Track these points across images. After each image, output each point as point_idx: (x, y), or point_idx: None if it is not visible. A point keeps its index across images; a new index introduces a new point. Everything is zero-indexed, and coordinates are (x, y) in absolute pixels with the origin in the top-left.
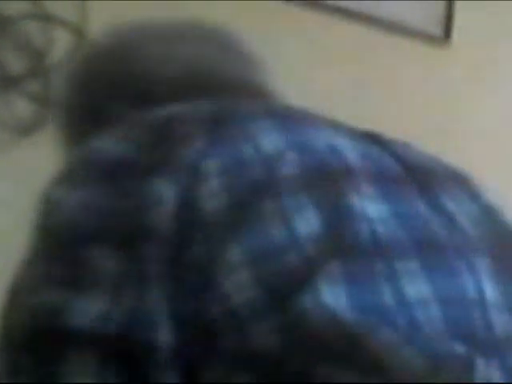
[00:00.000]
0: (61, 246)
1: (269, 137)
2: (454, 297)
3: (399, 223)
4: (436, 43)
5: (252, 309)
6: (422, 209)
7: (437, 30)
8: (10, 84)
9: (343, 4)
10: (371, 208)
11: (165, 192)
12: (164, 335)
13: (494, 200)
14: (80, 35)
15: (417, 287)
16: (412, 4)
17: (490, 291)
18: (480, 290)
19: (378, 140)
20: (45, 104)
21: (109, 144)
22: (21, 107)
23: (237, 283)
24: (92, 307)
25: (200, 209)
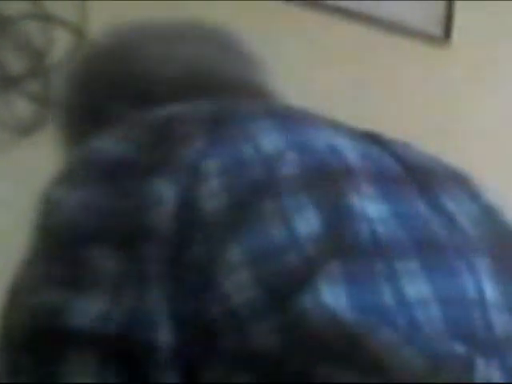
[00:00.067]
0: (61, 246)
1: (269, 137)
2: (454, 297)
3: (399, 223)
4: (436, 43)
5: (252, 309)
6: (422, 209)
7: (437, 30)
8: (10, 84)
9: (343, 4)
10: (371, 208)
11: (165, 192)
12: (164, 335)
13: (494, 200)
14: (80, 35)
15: (417, 287)
16: (412, 4)
17: (490, 291)
18: (480, 290)
19: (378, 140)
20: (45, 104)
21: (109, 144)
22: (21, 107)
23: (237, 283)
24: (92, 307)
25: (200, 209)
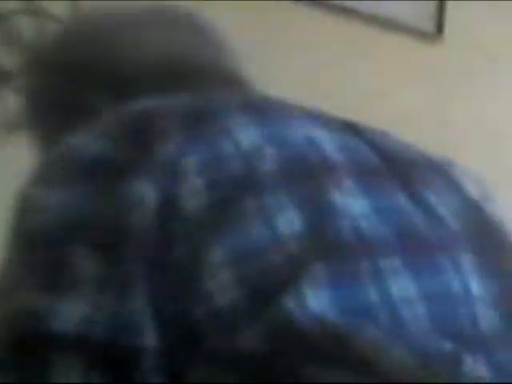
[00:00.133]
0: (39, 248)
1: (246, 131)
2: (440, 293)
3: (381, 218)
4: (428, 39)
5: (236, 309)
6: (403, 202)
7: (429, 26)
8: (2, 80)
9: (338, 2)
10: (352, 203)
11: (146, 193)
12: (150, 338)
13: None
14: None
15: (402, 285)
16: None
17: (476, 287)
18: (465, 286)
19: (356, 129)
20: None
21: (86, 141)
22: (12, 103)
23: (220, 284)
24: (75, 310)
25: (181, 208)
